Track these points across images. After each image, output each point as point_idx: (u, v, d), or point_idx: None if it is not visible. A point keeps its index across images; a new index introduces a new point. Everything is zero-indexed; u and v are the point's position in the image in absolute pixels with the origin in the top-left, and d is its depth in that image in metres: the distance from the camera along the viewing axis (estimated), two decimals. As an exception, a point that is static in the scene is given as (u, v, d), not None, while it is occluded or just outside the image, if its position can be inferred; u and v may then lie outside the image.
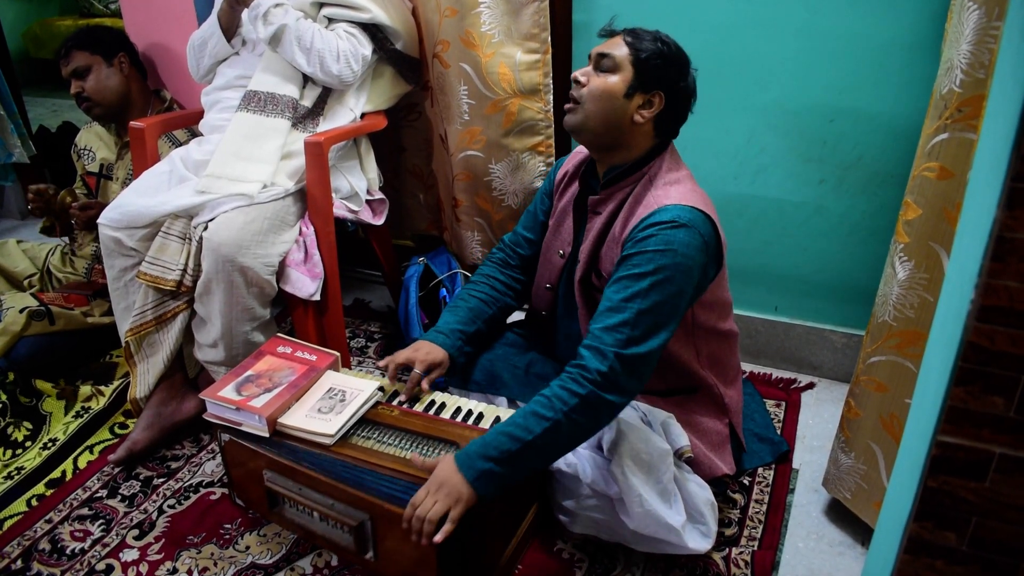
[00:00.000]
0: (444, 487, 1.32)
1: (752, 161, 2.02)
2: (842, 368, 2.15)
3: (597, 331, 1.37)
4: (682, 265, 1.37)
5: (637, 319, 1.35)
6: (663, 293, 1.36)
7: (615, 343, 1.35)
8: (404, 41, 2.08)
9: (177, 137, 2.27)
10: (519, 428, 1.34)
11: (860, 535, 1.65)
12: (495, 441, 1.34)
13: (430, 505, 1.31)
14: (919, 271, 1.36)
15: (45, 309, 2.12)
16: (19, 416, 1.99)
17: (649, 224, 1.39)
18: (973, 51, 1.19)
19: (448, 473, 1.33)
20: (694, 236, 1.38)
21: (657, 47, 1.45)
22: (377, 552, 1.49)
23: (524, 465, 1.35)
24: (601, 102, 1.46)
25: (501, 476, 1.33)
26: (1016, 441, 0.80)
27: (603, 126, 1.47)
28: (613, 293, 1.39)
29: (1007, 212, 0.73)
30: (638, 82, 1.45)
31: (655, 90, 1.46)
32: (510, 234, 1.84)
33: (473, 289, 1.78)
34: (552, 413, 1.33)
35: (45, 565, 1.61)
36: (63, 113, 4.49)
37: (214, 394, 1.57)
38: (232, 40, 2.05)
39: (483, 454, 1.33)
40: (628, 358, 1.34)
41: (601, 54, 1.47)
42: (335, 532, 1.53)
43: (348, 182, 2.07)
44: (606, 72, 1.46)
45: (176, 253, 1.83)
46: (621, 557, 1.59)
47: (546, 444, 1.34)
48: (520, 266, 1.81)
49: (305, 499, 1.52)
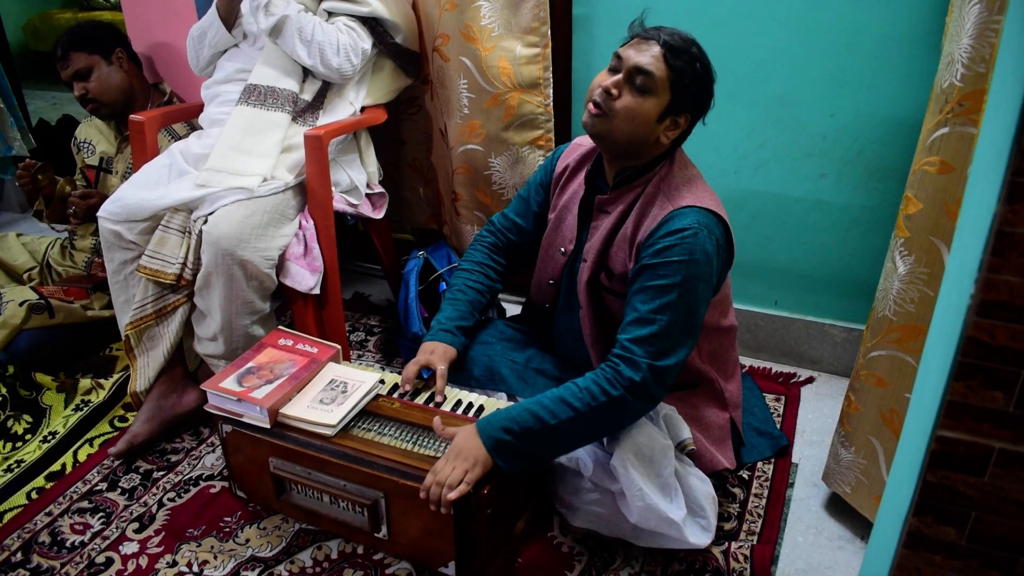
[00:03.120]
0: (462, 453, 1.37)
1: (752, 155, 2.02)
2: (842, 363, 2.15)
3: (627, 342, 1.39)
4: (704, 273, 1.39)
5: (668, 331, 1.38)
6: (690, 302, 1.39)
7: (647, 355, 1.37)
8: (404, 35, 2.08)
9: (177, 131, 2.27)
10: (544, 409, 1.37)
11: (860, 529, 1.66)
12: (519, 416, 1.38)
13: (448, 471, 1.35)
14: (919, 266, 1.36)
15: (45, 302, 2.11)
16: (19, 409, 2.00)
17: (669, 232, 1.39)
18: (974, 45, 1.19)
19: (467, 439, 1.38)
20: (711, 241, 1.39)
21: (695, 70, 1.39)
22: (390, 529, 1.52)
23: (538, 447, 1.38)
24: (633, 124, 1.41)
25: (516, 451, 1.37)
26: (1016, 436, 0.80)
27: (628, 142, 1.44)
28: (640, 304, 1.40)
29: (1007, 207, 0.73)
30: (671, 107, 1.41)
31: (684, 113, 1.43)
32: (499, 216, 1.83)
33: (470, 279, 1.77)
34: (580, 404, 1.36)
35: (45, 558, 1.62)
36: (63, 106, 4.48)
37: (215, 385, 1.58)
38: (232, 31, 2.04)
39: (504, 426, 1.37)
40: (659, 369, 1.37)
41: (639, 69, 1.38)
42: (346, 513, 1.55)
43: (348, 176, 2.07)
44: (640, 91, 1.39)
45: (176, 247, 1.83)
46: (620, 551, 1.59)
47: (565, 432, 1.37)
48: (507, 251, 1.82)
49: (315, 482, 1.54)
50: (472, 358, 1.72)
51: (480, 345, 1.74)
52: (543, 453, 1.41)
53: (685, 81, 1.39)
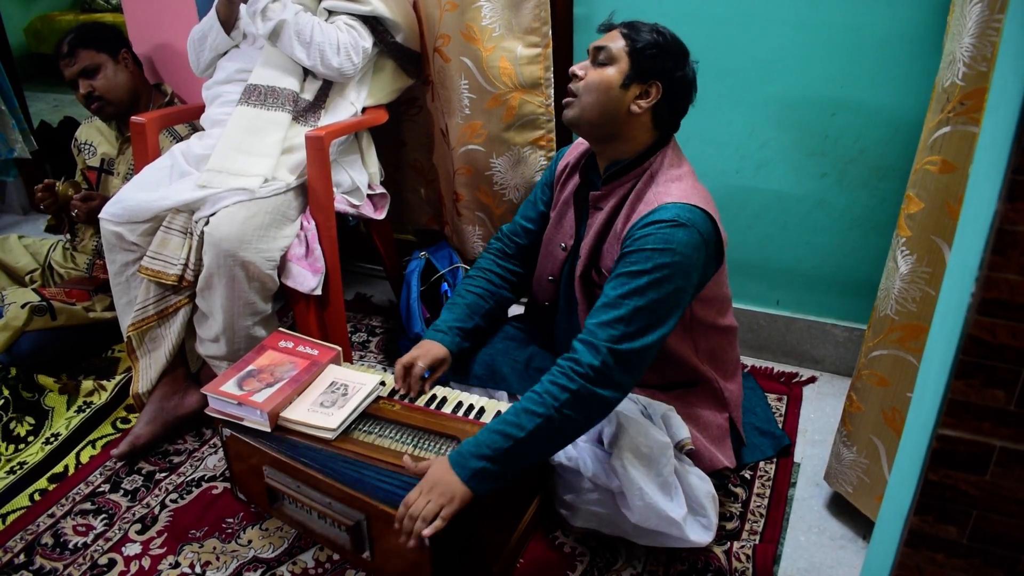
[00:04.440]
0: (437, 487, 1.32)
1: (754, 155, 2.02)
2: (844, 362, 2.15)
3: (592, 326, 1.37)
4: (681, 264, 1.37)
5: (633, 316, 1.35)
6: (660, 291, 1.36)
7: (609, 338, 1.35)
8: (404, 34, 2.08)
9: (178, 132, 2.27)
10: (511, 425, 1.33)
11: (861, 529, 1.65)
12: (488, 440, 1.33)
13: (423, 505, 1.30)
14: (921, 265, 1.36)
15: (47, 304, 2.12)
16: (21, 411, 2.00)
17: (649, 222, 1.39)
18: (975, 44, 1.19)
19: (441, 473, 1.33)
20: (693, 235, 1.38)
21: (653, 37, 1.45)
22: (374, 551, 1.49)
23: (518, 461, 1.35)
24: (597, 93, 1.46)
25: (495, 474, 1.33)
26: (1017, 434, 0.80)
27: (600, 117, 1.47)
28: (611, 289, 1.39)
29: (1008, 205, 0.73)
30: (634, 72, 1.45)
31: (652, 80, 1.45)
32: (509, 224, 1.84)
33: (470, 284, 1.78)
34: (543, 409, 1.33)
35: (48, 559, 1.62)
36: (64, 108, 4.49)
37: (216, 389, 1.57)
38: (232, 33, 2.04)
39: (476, 453, 1.33)
40: (621, 353, 1.34)
41: (598, 47, 1.48)
42: (332, 530, 1.53)
43: (349, 176, 2.07)
44: (603, 65, 1.47)
45: (178, 248, 1.83)
46: (623, 551, 1.59)
47: (539, 440, 1.34)
48: (518, 256, 1.81)
49: (303, 497, 1.52)
50: (473, 357, 1.72)
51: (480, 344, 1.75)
52: (523, 464, 1.37)
53: (642, 47, 1.45)
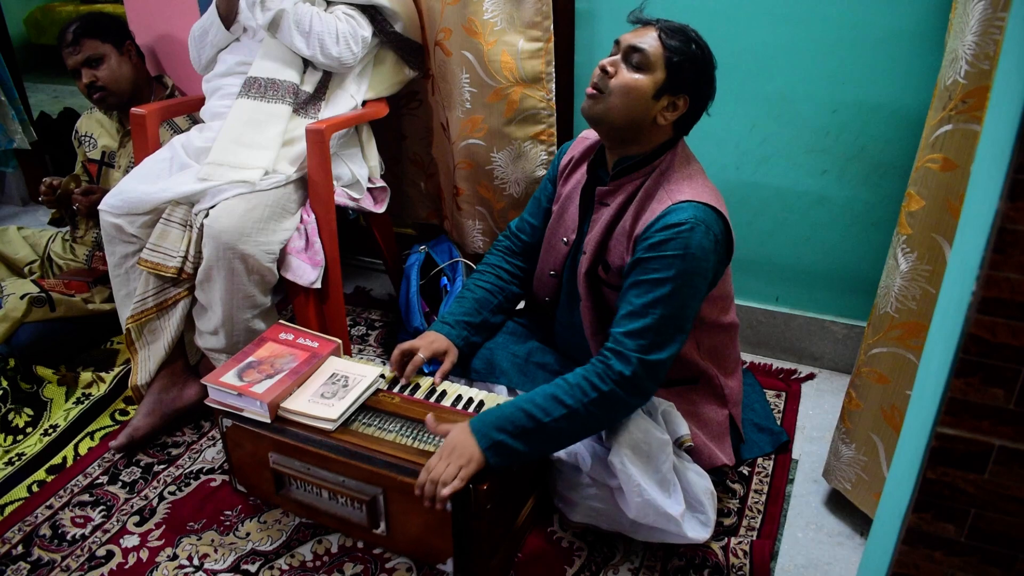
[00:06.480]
0: (456, 450, 1.36)
1: (755, 151, 2.02)
2: (843, 359, 2.15)
3: (619, 335, 1.39)
4: (699, 268, 1.39)
5: (660, 325, 1.37)
6: (683, 297, 1.39)
7: (638, 348, 1.37)
8: (403, 23, 2.07)
9: (178, 124, 2.27)
10: (538, 408, 1.37)
11: (859, 526, 1.66)
12: (512, 415, 1.37)
13: (443, 468, 1.34)
14: (921, 263, 1.36)
15: (46, 296, 2.12)
16: (20, 402, 2.00)
17: (665, 226, 1.39)
18: (978, 42, 1.19)
19: (461, 438, 1.37)
20: (709, 237, 1.39)
21: (691, 50, 1.41)
22: (389, 526, 1.52)
23: (534, 445, 1.38)
24: (627, 99, 1.42)
25: (512, 450, 1.36)
26: (1016, 433, 0.80)
27: (625, 121, 1.44)
28: (634, 297, 1.40)
29: (1009, 204, 0.72)
30: (667, 85, 1.42)
31: (682, 94, 1.44)
32: (516, 220, 1.84)
33: (479, 279, 1.78)
34: (572, 401, 1.36)
35: (46, 551, 1.62)
36: (64, 99, 4.48)
37: (216, 379, 1.58)
38: (231, 27, 2.04)
39: (499, 426, 1.37)
40: (650, 363, 1.37)
41: (634, 47, 1.41)
42: (345, 509, 1.55)
43: (349, 170, 2.07)
44: (636, 68, 1.42)
45: (177, 240, 1.83)
46: (620, 546, 1.59)
47: (560, 429, 1.37)
48: (524, 253, 1.81)
49: (314, 478, 1.54)
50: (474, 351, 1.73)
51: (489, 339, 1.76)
52: (537, 450, 1.41)
53: (680, 59, 1.41)
